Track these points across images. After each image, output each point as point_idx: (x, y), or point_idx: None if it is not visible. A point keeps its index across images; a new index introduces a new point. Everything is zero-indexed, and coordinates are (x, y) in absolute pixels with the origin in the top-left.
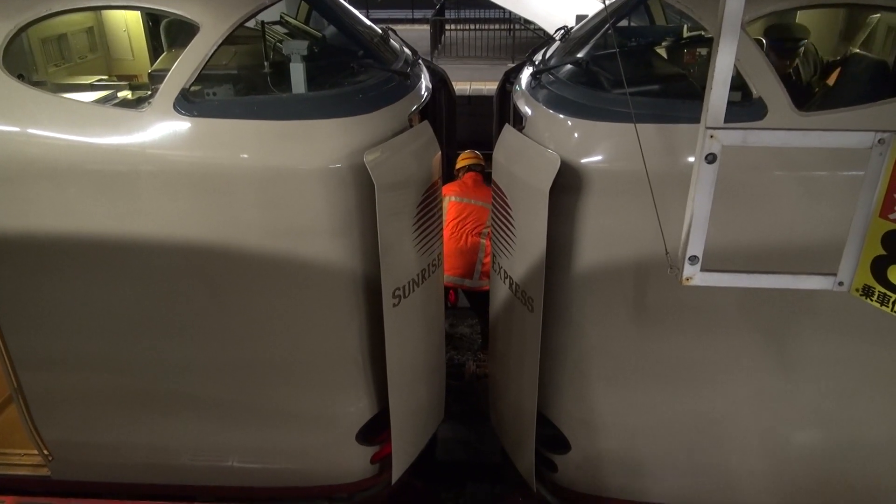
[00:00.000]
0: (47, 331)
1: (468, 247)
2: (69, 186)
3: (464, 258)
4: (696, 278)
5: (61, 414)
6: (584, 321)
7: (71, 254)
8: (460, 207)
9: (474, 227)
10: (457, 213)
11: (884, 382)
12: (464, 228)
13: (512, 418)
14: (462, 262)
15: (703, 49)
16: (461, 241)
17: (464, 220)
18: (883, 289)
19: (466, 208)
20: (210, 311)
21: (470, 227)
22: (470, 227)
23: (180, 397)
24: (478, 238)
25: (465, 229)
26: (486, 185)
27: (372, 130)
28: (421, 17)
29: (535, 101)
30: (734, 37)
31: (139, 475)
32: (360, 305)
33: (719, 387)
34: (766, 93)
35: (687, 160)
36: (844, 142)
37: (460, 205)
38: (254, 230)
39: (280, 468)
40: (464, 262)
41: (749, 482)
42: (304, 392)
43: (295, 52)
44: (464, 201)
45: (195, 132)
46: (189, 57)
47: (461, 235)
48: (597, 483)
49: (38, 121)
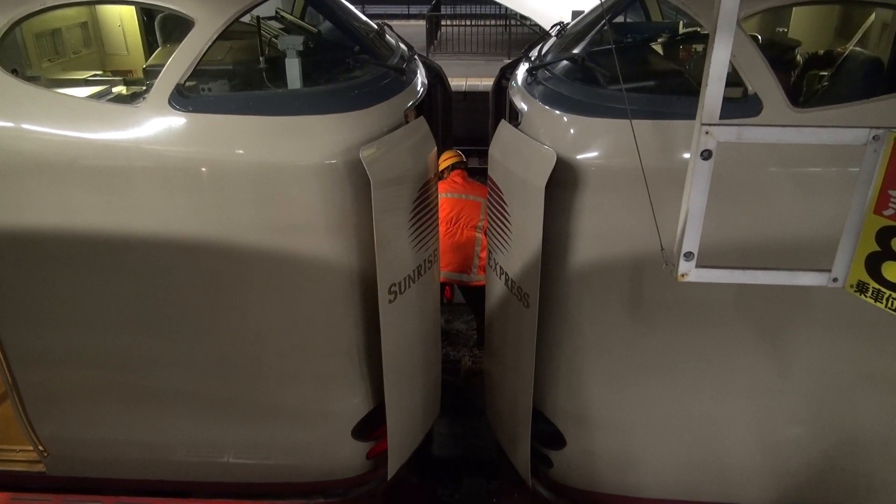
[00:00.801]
0: (42, 327)
1: (464, 241)
2: (64, 182)
3: (460, 253)
4: (691, 274)
5: (56, 410)
6: (580, 317)
7: (66, 250)
8: (453, 203)
9: (469, 222)
10: (450, 208)
11: (879, 379)
12: (458, 224)
13: (508, 414)
14: (459, 257)
15: (699, 45)
16: (457, 236)
17: (457, 215)
18: (877, 285)
19: (458, 203)
20: (205, 306)
21: (464, 221)
22: (464, 222)
23: (175, 393)
24: (473, 232)
25: (460, 224)
26: (473, 179)
27: (368, 126)
28: (417, 13)
29: (532, 97)
30: (730, 33)
31: (134, 471)
32: (355, 301)
33: (714, 383)
34: (761, 89)
35: (682, 156)
36: (839, 138)
37: (452, 200)
38: (249, 226)
39: (275, 464)
40: (461, 257)
41: (744, 478)
42: (300, 388)
43: (290, 48)
44: (456, 197)
45: (190, 128)
46: (184, 52)
47: (456, 231)
48: (592, 478)
49: (32, 116)
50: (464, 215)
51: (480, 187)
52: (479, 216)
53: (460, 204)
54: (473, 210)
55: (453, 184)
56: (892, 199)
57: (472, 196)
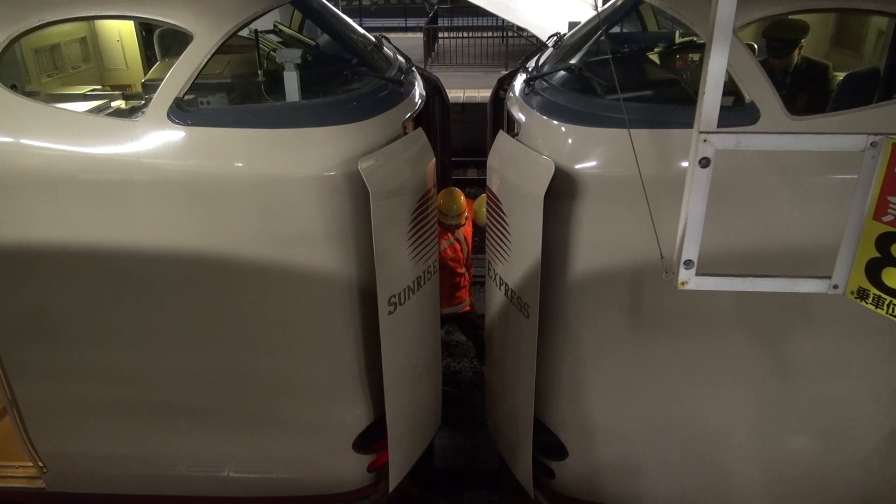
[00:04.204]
0: (42, 342)
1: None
2: (63, 197)
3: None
4: (691, 282)
5: (56, 426)
6: (581, 326)
7: (66, 264)
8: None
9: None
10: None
11: (880, 385)
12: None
13: (509, 425)
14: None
15: (696, 54)
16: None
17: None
18: (878, 291)
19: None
20: (205, 320)
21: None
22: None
23: (175, 408)
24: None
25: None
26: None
27: (366, 138)
28: (414, 26)
29: (529, 108)
30: (726, 41)
31: (134, 486)
32: (355, 313)
33: (716, 391)
34: (758, 97)
35: (681, 165)
36: (837, 145)
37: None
38: (248, 239)
39: (276, 478)
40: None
41: (746, 486)
42: (300, 401)
43: (288, 61)
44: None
45: (189, 141)
46: (183, 66)
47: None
48: (594, 489)
49: (31, 131)
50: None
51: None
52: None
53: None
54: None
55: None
56: (891, 205)
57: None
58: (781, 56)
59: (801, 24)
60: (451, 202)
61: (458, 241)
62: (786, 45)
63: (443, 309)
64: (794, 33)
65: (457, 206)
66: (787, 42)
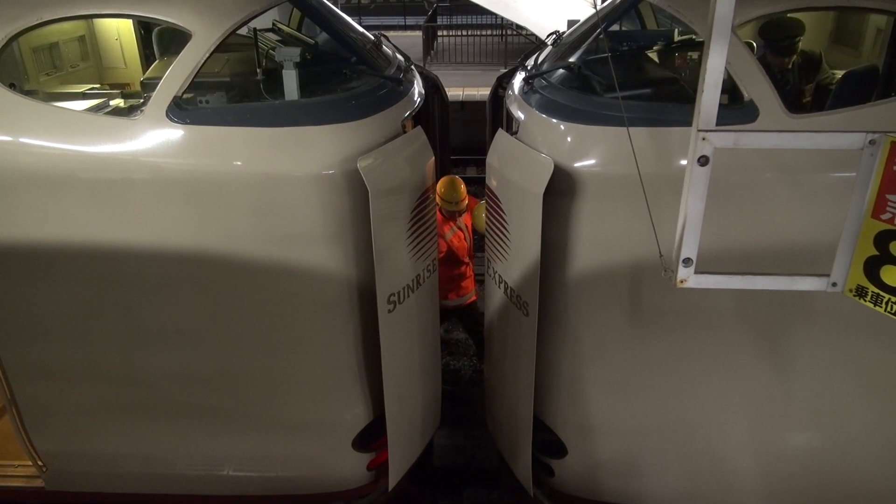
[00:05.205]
0: (41, 341)
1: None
2: (62, 195)
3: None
4: (690, 280)
5: (55, 424)
6: (580, 324)
7: (64, 263)
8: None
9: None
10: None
11: (879, 383)
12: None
13: (508, 423)
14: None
15: (694, 53)
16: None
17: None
18: (876, 289)
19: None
20: (203, 318)
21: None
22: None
23: (174, 406)
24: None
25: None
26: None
27: (365, 136)
28: (413, 24)
29: (528, 106)
30: (725, 39)
31: (134, 485)
32: (354, 311)
33: (715, 389)
34: (757, 95)
35: (679, 163)
36: (836, 143)
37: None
38: (248, 237)
39: (275, 476)
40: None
41: (745, 484)
42: (300, 399)
43: (287, 59)
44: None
45: (188, 140)
46: (181, 64)
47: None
48: (594, 487)
49: (30, 130)
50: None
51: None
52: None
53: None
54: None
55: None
56: (890, 203)
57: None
58: (781, 55)
59: (796, 23)
60: (452, 189)
61: (461, 230)
62: (785, 45)
63: (449, 300)
64: (792, 31)
65: (457, 192)
66: (786, 41)
